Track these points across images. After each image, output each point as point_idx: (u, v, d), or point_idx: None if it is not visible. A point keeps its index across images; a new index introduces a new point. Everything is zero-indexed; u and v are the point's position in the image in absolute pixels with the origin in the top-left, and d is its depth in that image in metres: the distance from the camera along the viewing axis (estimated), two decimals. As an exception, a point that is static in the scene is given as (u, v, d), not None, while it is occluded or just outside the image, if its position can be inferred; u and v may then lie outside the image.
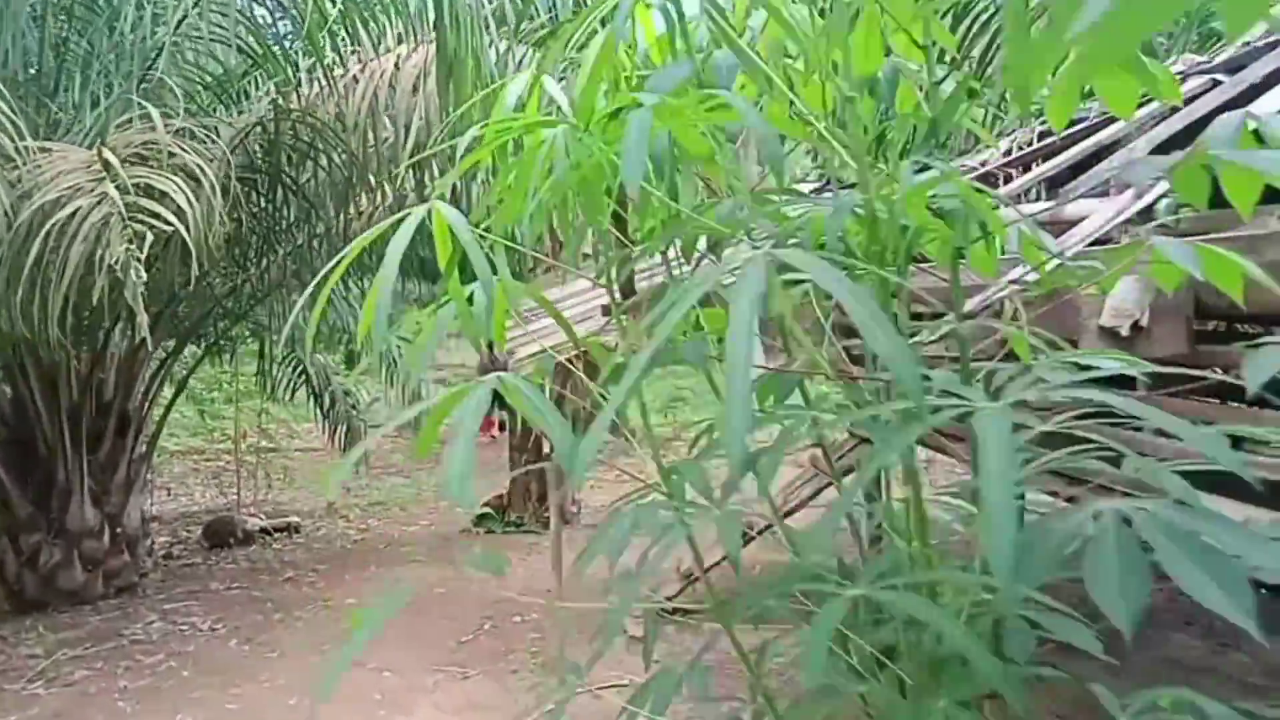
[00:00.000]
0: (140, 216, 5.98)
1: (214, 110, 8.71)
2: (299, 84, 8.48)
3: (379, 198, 9.39)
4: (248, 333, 12.96)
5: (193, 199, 6.28)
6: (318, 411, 14.09)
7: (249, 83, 9.00)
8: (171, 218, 6.04)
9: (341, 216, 9.12)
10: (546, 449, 12.20)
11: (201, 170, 6.67)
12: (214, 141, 7.76)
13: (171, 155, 6.69)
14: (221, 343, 12.22)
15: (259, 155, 8.69)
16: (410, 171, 8.52)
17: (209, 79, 8.87)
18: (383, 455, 17.41)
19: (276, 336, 12.96)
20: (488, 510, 12.38)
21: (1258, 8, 0.96)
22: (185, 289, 8.68)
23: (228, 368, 14.20)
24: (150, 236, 5.92)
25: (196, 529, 13.22)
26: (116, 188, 6.03)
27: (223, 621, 9.35)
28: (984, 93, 2.37)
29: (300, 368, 13.41)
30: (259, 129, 8.56)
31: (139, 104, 7.17)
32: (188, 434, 18.15)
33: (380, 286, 1.92)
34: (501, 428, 23.06)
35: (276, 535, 12.54)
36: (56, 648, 8.50)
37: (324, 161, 8.73)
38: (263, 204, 9.01)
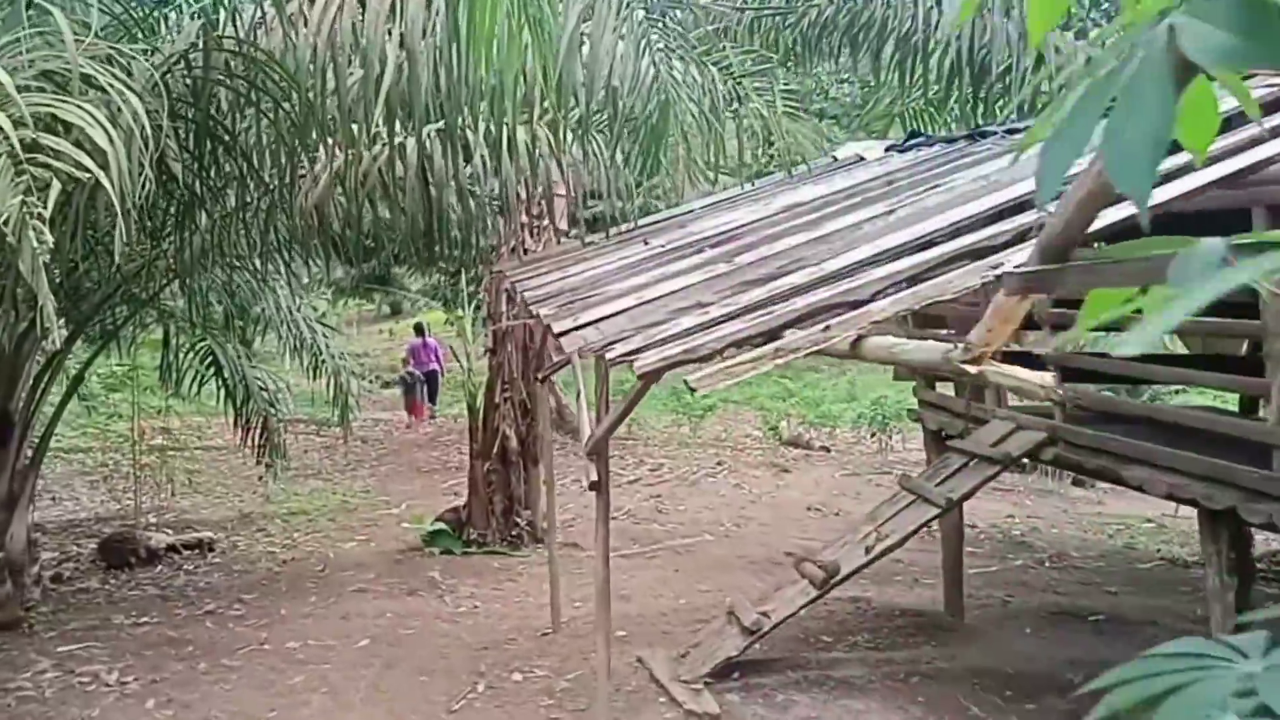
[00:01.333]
0: (42, 158, 4.13)
1: (120, 40, 6.75)
2: (234, 7, 6.61)
3: (335, 155, 7.55)
4: (150, 319, 10.92)
5: (112, 134, 4.43)
6: (229, 407, 12.05)
7: (169, 7, 7.07)
8: (86, 160, 4.19)
9: (285, 177, 7.24)
10: (514, 456, 10.45)
11: (124, 100, 4.81)
12: (129, 77, 5.85)
13: (87, 83, 4.81)
14: (121, 331, 10.19)
15: (182, 99, 6.79)
16: (381, 121, 6.71)
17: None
18: (297, 455, 15.36)
19: (185, 323, 10.94)
20: (442, 526, 10.57)
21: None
22: (88, 261, 6.76)
23: (126, 359, 12.09)
24: (57, 185, 4.07)
25: (88, 543, 11.15)
26: (10, 119, 4.16)
27: (134, 672, 7.45)
28: None
29: (211, 358, 11.38)
30: (181, 66, 6.66)
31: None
32: (73, 431, 15.83)
33: None
34: (432, 416, 21.26)
35: (187, 554, 10.56)
36: (-81, 721, 6.55)
37: (268, 107, 6.85)
38: (186, 161, 7.09)
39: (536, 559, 10.24)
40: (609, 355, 3.70)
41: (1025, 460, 16.77)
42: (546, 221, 10.03)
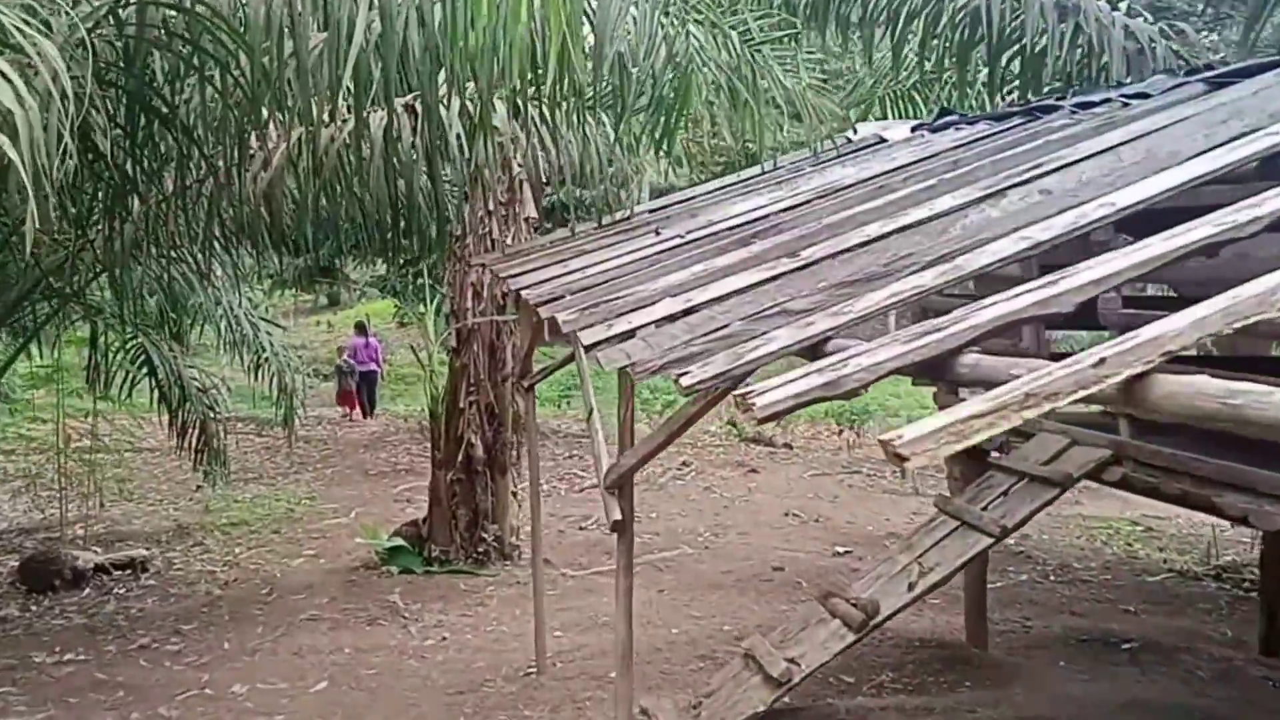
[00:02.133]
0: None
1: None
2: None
3: (289, 133, 6.49)
4: (76, 315, 9.73)
5: (24, 95, 3.41)
6: (164, 408, 10.88)
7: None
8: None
9: (232, 157, 6.16)
10: (479, 465, 9.46)
11: (40, 55, 3.77)
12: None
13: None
14: (44, 329, 9.02)
15: (112, 64, 5.70)
16: (348, 91, 5.70)
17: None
18: (237, 457, 14.13)
19: (115, 320, 9.76)
20: (400, 542, 9.54)
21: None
22: (1, 253, 5.68)
23: (49, 359, 10.88)
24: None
25: (8, 560, 10.00)
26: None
27: (56, 726, 6.41)
28: None
29: (143, 357, 10.22)
30: (111, 22, 5.57)
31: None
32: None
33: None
34: (364, 412, 20.16)
35: (118, 575, 9.43)
36: None
37: (213, 74, 5.78)
38: (116, 137, 5.99)
39: (506, 579, 9.28)
40: (690, 380, 2.77)
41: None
42: (518, 210, 9.07)
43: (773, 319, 3.25)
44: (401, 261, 15.57)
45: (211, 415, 10.83)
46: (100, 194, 6.46)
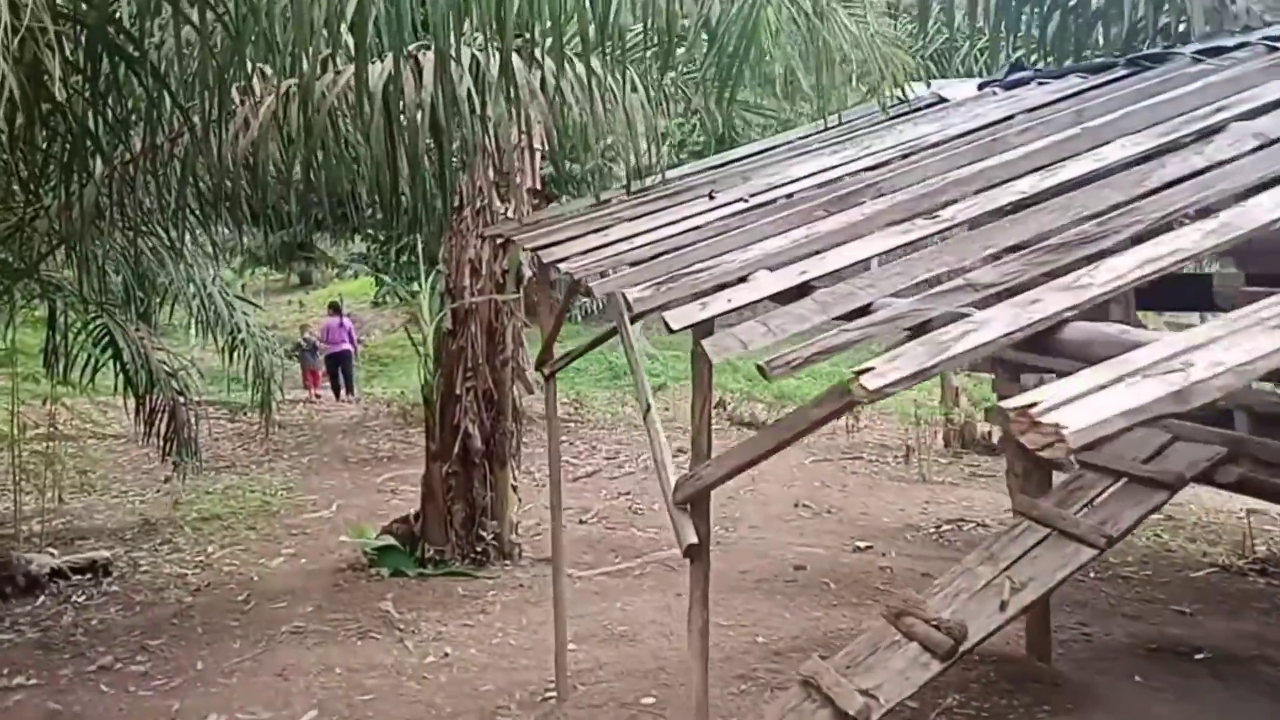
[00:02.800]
0: None
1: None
2: None
3: (274, 85, 5.54)
4: (33, 293, 8.73)
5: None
6: (130, 394, 9.88)
7: None
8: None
9: (211, 111, 5.21)
10: (477, 457, 8.56)
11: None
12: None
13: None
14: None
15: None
16: (349, 33, 4.78)
17: None
18: (208, 444, 13.12)
19: (75, 298, 8.76)
20: (390, 541, 8.64)
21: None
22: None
23: (2, 342, 9.84)
24: None
25: (-45, 561, 9.00)
26: None
27: (4, 765, 5.49)
28: None
29: (107, 339, 9.22)
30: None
31: None
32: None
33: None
34: (340, 392, 19.19)
35: (77, 579, 8.45)
36: None
37: (192, 12, 4.83)
38: (75, 84, 5.03)
39: (507, 581, 8.40)
40: (879, 382, 1.91)
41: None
42: (518, 180, 8.16)
43: (956, 295, 2.40)
44: (383, 238, 14.59)
45: (182, 401, 9.85)
46: (56, 152, 5.48)
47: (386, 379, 22.83)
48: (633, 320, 3.60)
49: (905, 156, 4.53)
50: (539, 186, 8.50)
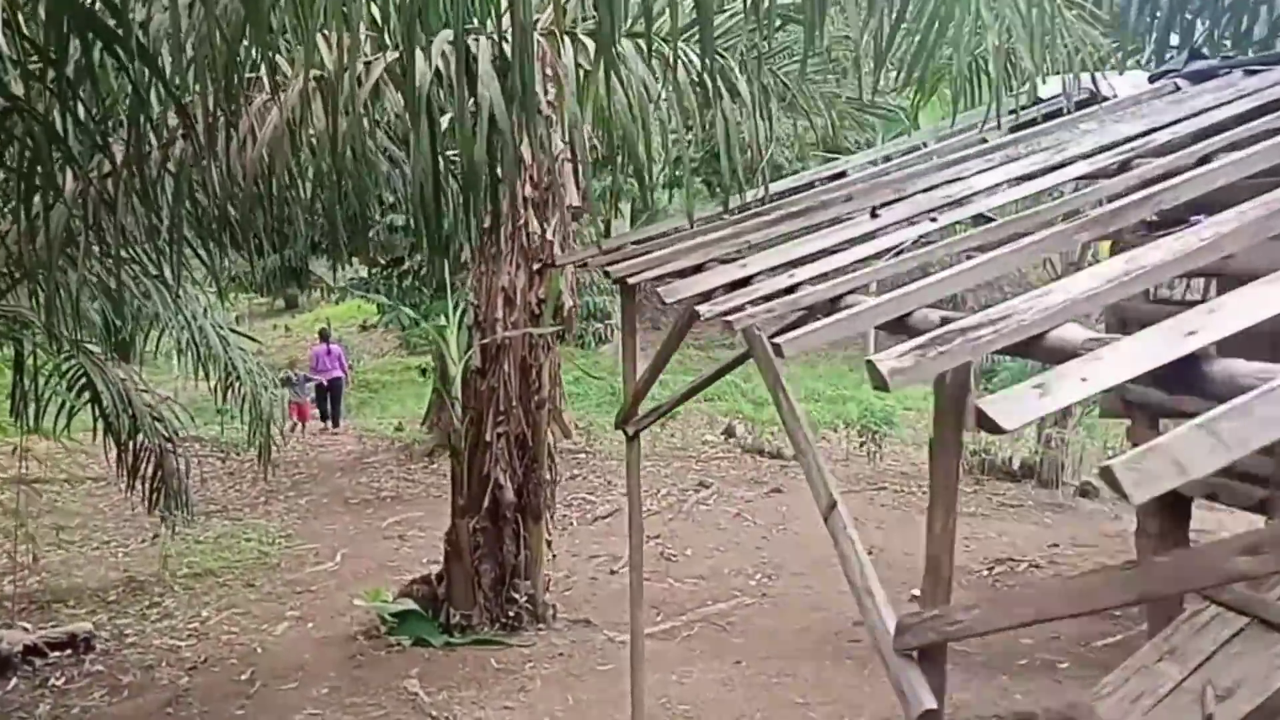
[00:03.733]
0: None
1: None
2: None
3: (289, 79, 4.31)
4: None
5: None
6: (109, 440, 8.54)
7: None
8: None
9: (218, 109, 3.97)
10: (508, 510, 7.32)
11: None
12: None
13: None
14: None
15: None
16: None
17: None
18: (196, 484, 11.68)
19: (45, 336, 7.43)
20: (410, 606, 7.37)
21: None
22: None
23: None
24: None
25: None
26: None
27: None
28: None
29: (83, 381, 7.90)
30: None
31: None
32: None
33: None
34: (325, 419, 17.96)
35: (55, 657, 7.14)
36: None
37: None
38: (36, 70, 3.78)
39: (545, 649, 7.16)
40: None
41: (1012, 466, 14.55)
42: (559, 196, 6.98)
43: None
44: (384, 261, 13.28)
45: (169, 448, 8.53)
46: (13, 162, 4.22)
47: (378, 407, 21.49)
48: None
49: (1126, 161, 3.36)
50: (579, 203, 7.29)
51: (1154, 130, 3.65)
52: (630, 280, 3.94)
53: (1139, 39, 6.22)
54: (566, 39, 4.33)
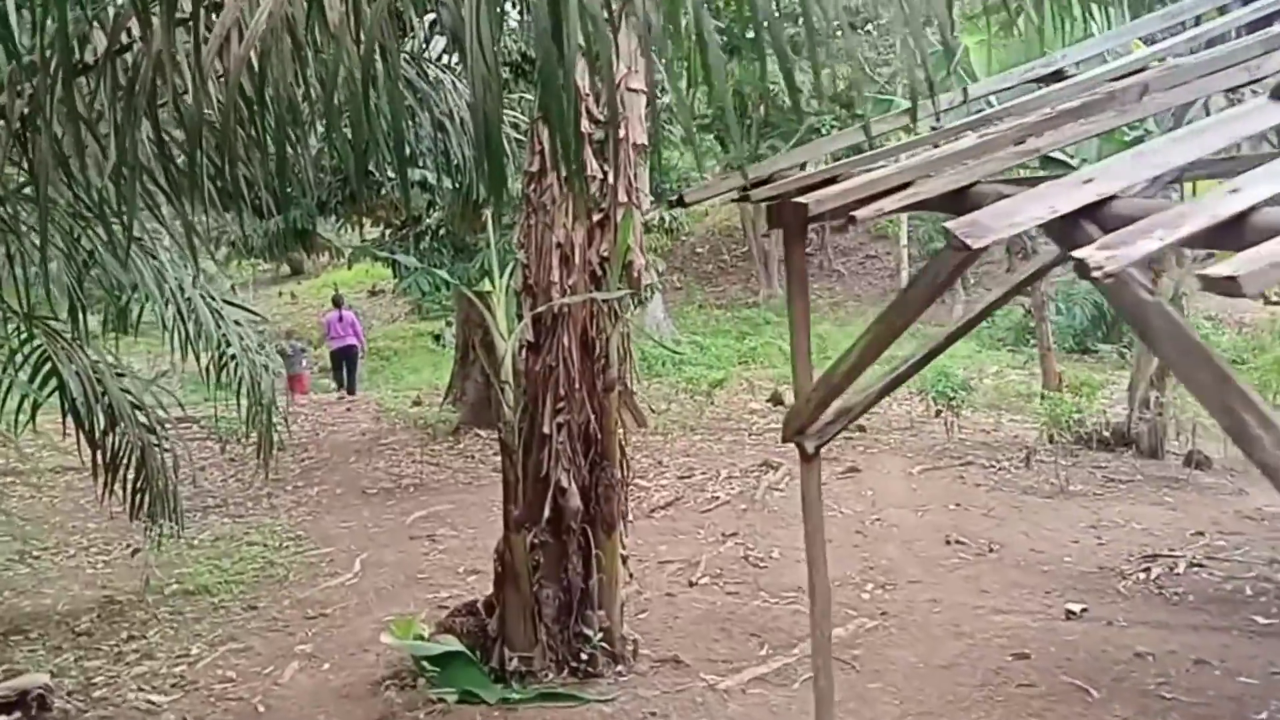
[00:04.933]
0: None
1: None
2: None
3: None
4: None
5: None
6: (81, 435, 6.91)
7: None
8: None
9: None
10: (573, 520, 5.69)
11: None
12: None
13: None
14: None
15: None
16: None
17: None
18: (188, 473, 9.96)
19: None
20: (453, 646, 5.74)
21: None
22: None
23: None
24: None
25: None
26: None
27: None
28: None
29: (47, 366, 6.26)
30: None
31: None
32: None
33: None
34: (341, 388, 16.84)
35: None
36: None
37: None
38: None
39: (631, 705, 5.52)
40: None
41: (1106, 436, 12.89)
42: (625, 133, 5.33)
43: None
44: (400, 221, 11.56)
45: (154, 440, 6.93)
46: None
47: (392, 376, 19.94)
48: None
49: None
50: (646, 141, 5.62)
51: None
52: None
53: None
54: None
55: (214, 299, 7.46)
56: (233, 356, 7.24)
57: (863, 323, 24.06)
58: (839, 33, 2.86)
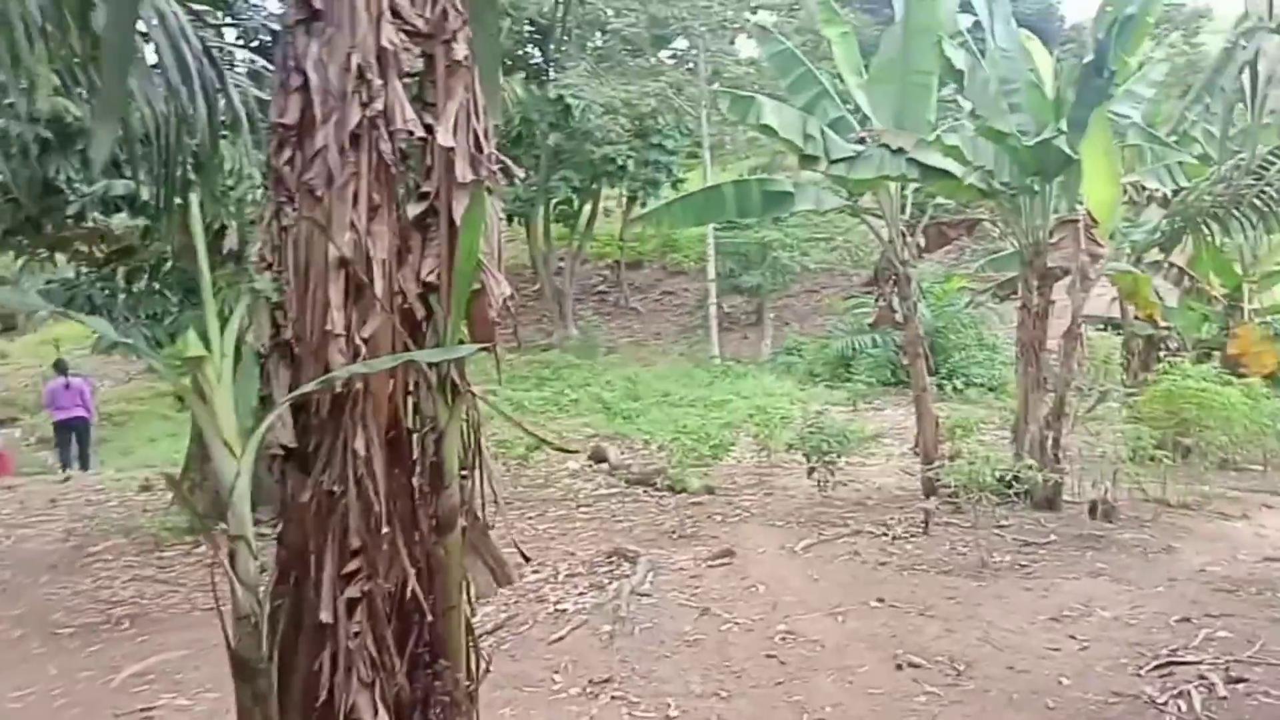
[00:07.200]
0: None
1: None
2: None
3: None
4: None
5: None
6: None
7: None
8: None
9: None
10: None
11: None
12: None
13: None
14: None
15: None
16: None
17: None
18: None
19: None
20: None
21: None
22: None
23: None
24: None
25: None
26: None
27: None
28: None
29: None
30: None
31: None
32: None
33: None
34: (67, 467, 13.88)
35: None
36: None
37: None
38: None
39: None
40: None
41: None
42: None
43: None
44: (103, 253, 8.30)
45: None
46: None
47: (121, 446, 16.31)
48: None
49: None
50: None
51: None
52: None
53: None
54: None
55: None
56: None
57: (670, 363, 22.08)
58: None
